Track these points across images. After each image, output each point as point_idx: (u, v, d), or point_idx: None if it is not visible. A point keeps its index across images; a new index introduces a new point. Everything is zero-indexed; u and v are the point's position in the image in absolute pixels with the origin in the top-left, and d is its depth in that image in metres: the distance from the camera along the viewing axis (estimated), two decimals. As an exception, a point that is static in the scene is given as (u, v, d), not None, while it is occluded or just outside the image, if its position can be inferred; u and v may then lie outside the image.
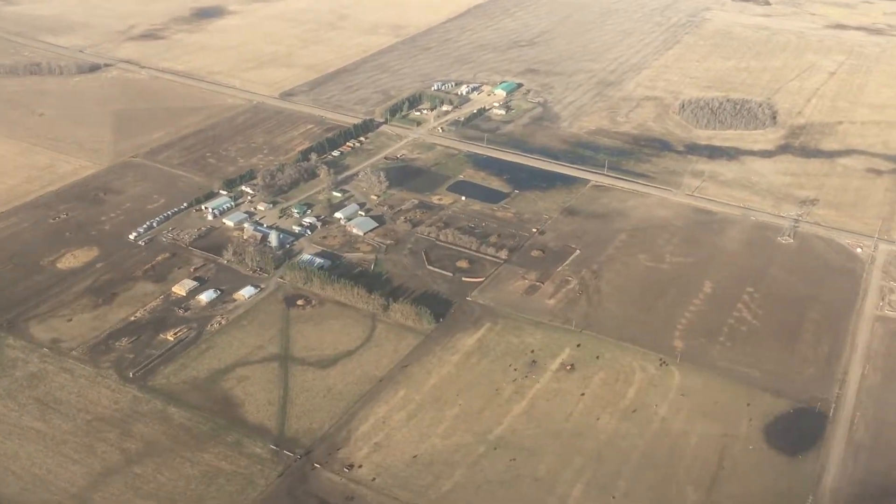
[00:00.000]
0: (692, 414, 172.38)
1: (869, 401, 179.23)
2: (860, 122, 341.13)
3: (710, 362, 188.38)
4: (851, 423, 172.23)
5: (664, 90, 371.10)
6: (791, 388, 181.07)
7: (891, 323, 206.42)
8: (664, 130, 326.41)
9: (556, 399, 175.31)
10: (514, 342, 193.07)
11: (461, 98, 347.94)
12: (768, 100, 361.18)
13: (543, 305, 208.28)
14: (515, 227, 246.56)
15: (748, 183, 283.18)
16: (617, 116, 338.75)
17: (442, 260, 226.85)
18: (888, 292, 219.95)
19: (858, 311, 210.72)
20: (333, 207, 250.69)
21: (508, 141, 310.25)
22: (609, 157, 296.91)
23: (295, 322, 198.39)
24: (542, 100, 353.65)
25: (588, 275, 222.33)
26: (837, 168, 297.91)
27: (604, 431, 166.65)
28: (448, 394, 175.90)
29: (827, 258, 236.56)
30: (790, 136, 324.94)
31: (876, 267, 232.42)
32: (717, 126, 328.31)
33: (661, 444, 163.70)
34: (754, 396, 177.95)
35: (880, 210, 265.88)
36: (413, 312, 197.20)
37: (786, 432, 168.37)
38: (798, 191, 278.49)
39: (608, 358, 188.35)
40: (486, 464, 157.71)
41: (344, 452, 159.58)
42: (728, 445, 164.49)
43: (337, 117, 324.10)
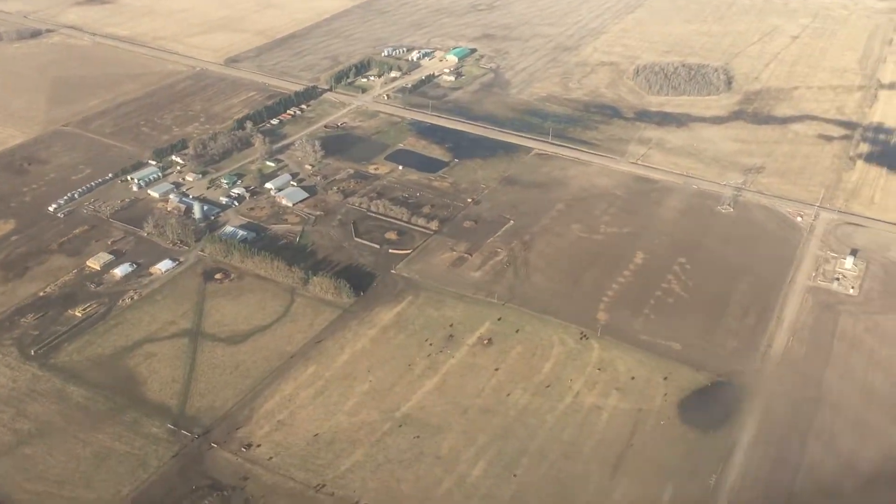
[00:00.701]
0: (607, 388, 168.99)
1: (789, 375, 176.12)
2: (817, 86, 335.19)
3: (631, 335, 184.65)
4: (768, 397, 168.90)
5: (621, 55, 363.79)
6: (712, 361, 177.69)
7: (822, 294, 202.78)
8: (616, 97, 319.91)
9: (469, 374, 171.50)
10: (434, 316, 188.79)
11: (411, 64, 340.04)
12: (726, 65, 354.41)
13: (469, 278, 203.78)
14: (451, 198, 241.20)
15: (695, 150, 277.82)
16: (569, 83, 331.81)
17: (371, 231, 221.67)
18: (823, 262, 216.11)
19: (791, 282, 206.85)
20: (265, 178, 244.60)
21: (455, 108, 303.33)
22: (556, 125, 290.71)
23: (211, 296, 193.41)
24: (494, 66, 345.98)
25: (518, 246, 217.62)
26: (788, 134, 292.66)
27: (514, 407, 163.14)
28: (359, 370, 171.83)
29: (765, 227, 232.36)
30: (744, 101, 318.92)
31: (815, 236, 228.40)
32: (670, 92, 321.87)
33: (571, 421, 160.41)
34: (673, 370, 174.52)
35: (826, 177, 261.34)
36: (332, 286, 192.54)
37: (701, 407, 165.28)
38: (745, 158, 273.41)
39: (528, 331, 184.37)
40: (389, 442, 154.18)
41: (244, 431, 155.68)
42: (640, 421, 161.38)
43: (281, 84, 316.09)
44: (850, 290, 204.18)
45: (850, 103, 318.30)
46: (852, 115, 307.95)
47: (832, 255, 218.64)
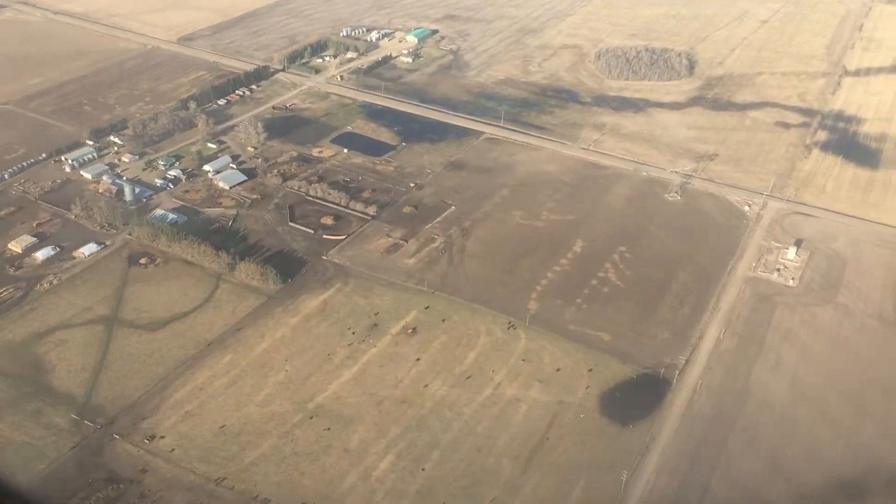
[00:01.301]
0: (529, 380, 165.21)
1: (718, 367, 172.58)
2: (781, 73, 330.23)
3: (561, 326, 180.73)
4: (694, 391, 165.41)
5: (586, 38, 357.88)
6: (640, 353, 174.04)
7: (761, 284, 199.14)
8: (575, 81, 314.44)
9: (389, 364, 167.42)
10: (361, 304, 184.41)
11: (369, 45, 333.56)
12: (691, 49, 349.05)
13: (402, 265, 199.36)
14: (394, 182, 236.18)
15: (650, 136, 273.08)
16: (529, 66, 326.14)
17: (307, 216, 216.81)
18: (766, 252, 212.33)
19: (731, 273, 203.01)
20: (204, 160, 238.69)
21: (409, 90, 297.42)
22: (510, 109, 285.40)
23: (134, 281, 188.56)
24: (454, 47, 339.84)
25: (456, 233, 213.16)
26: (746, 121, 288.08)
27: (431, 399, 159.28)
28: (277, 359, 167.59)
29: (712, 216, 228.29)
30: (705, 87, 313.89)
31: (760, 226, 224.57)
32: (631, 77, 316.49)
33: (487, 413, 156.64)
34: (599, 362, 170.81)
35: (779, 165, 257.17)
36: (258, 272, 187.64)
37: (623, 400, 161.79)
38: (700, 145, 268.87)
39: (455, 321, 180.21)
40: (298, 434, 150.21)
41: (149, 422, 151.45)
42: (559, 414, 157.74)
43: (234, 64, 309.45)
44: (790, 281, 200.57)
45: (813, 90, 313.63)
46: (813, 102, 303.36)
47: (776, 246, 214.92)
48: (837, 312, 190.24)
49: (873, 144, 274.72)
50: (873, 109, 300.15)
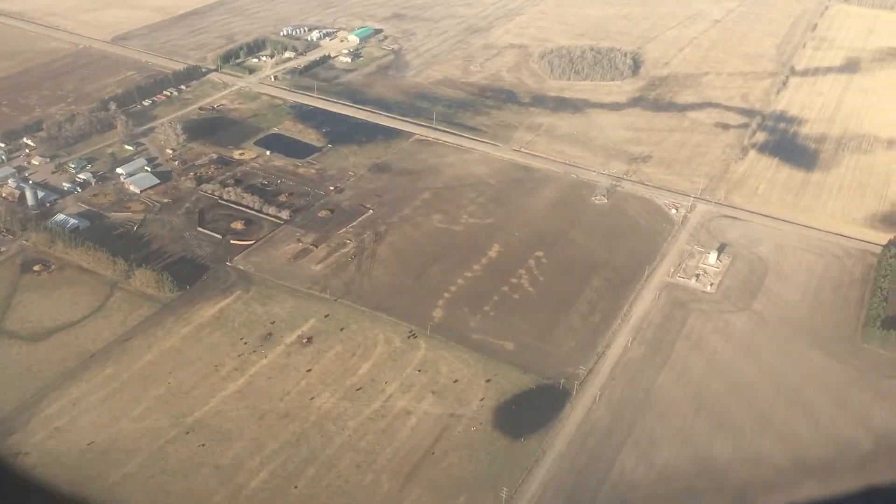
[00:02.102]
0: (422, 392, 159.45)
1: (621, 377, 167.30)
2: (727, 73, 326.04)
3: (464, 335, 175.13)
4: (593, 402, 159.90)
5: (533, 38, 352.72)
6: (543, 363, 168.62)
7: (678, 291, 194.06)
8: (516, 81, 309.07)
9: (278, 376, 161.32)
10: (259, 312, 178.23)
11: (309, 44, 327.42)
12: (639, 49, 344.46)
13: (308, 271, 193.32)
14: (313, 185, 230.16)
15: (585, 138, 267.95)
16: (471, 66, 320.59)
17: (218, 221, 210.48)
18: (688, 257, 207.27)
19: (648, 278, 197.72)
20: (119, 162, 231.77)
21: (344, 91, 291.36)
22: (446, 110, 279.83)
23: (24, 290, 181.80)
24: (397, 47, 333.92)
25: (370, 238, 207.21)
26: (685, 122, 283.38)
27: (316, 412, 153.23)
28: (161, 371, 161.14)
29: (637, 219, 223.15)
30: (648, 87, 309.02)
31: (686, 229, 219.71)
32: (573, 77, 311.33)
33: (373, 427, 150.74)
34: (500, 372, 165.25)
35: (713, 167, 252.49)
36: (154, 279, 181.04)
37: (518, 412, 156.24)
38: (635, 146, 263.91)
39: (354, 330, 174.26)
40: (170, 450, 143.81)
41: (16, 438, 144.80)
42: (449, 427, 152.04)
43: (166, 64, 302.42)
44: (707, 287, 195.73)
45: (757, 91, 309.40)
46: (756, 103, 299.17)
47: (699, 250, 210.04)
48: (752, 320, 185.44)
49: (812, 146, 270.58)
50: (817, 110, 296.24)
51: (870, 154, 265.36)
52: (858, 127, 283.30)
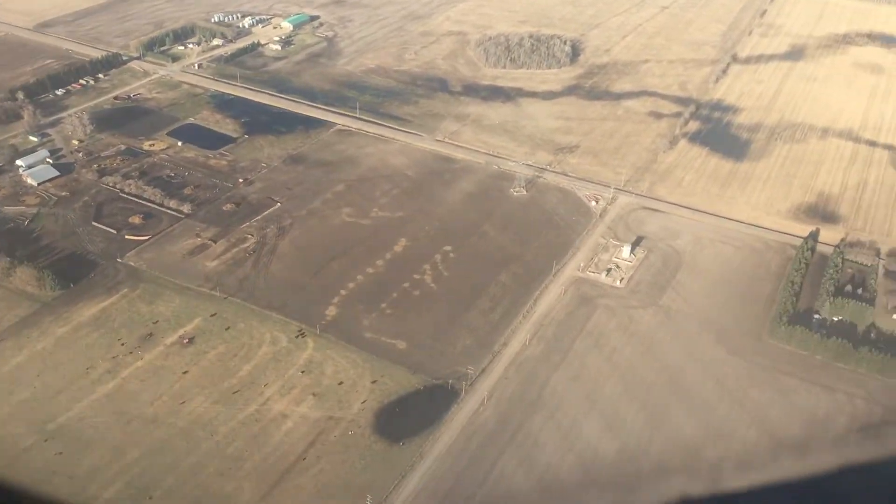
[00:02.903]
0: (303, 394, 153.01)
1: (515, 377, 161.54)
2: (668, 60, 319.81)
3: (355, 333, 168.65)
4: (481, 403, 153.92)
5: (473, 25, 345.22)
6: (435, 362, 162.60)
7: (586, 286, 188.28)
8: (450, 69, 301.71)
9: (151, 379, 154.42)
10: (143, 312, 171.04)
11: (240, 31, 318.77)
12: (581, 36, 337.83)
13: (203, 268, 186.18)
14: (222, 178, 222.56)
15: (513, 128, 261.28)
16: (405, 54, 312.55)
17: (115, 215, 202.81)
18: (601, 251, 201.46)
19: (558, 273, 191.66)
20: (20, 154, 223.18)
21: (269, 80, 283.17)
22: (373, 99, 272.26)
23: None
24: (331, 34, 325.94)
25: (273, 232, 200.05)
26: (618, 111, 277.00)
27: (186, 417, 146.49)
28: (28, 375, 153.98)
29: (554, 212, 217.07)
30: (585, 76, 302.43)
31: (604, 222, 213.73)
32: (508, 65, 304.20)
33: (245, 432, 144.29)
34: (388, 372, 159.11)
35: (640, 158, 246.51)
36: (35, 277, 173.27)
37: (401, 415, 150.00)
38: (563, 136, 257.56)
39: (240, 329, 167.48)
40: (24, 459, 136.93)
41: None
42: (326, 430, 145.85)
43: (87, 51, 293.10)
44: (617, 282, 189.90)
45: (696, 79, 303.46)
46: (694, 91, 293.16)
47: (614, 244, 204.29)
48: (658, 316, 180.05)
49: (745, 135, 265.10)
50: (754, 98, 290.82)
51: (803, 143, 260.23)
52: (795, 116, 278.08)
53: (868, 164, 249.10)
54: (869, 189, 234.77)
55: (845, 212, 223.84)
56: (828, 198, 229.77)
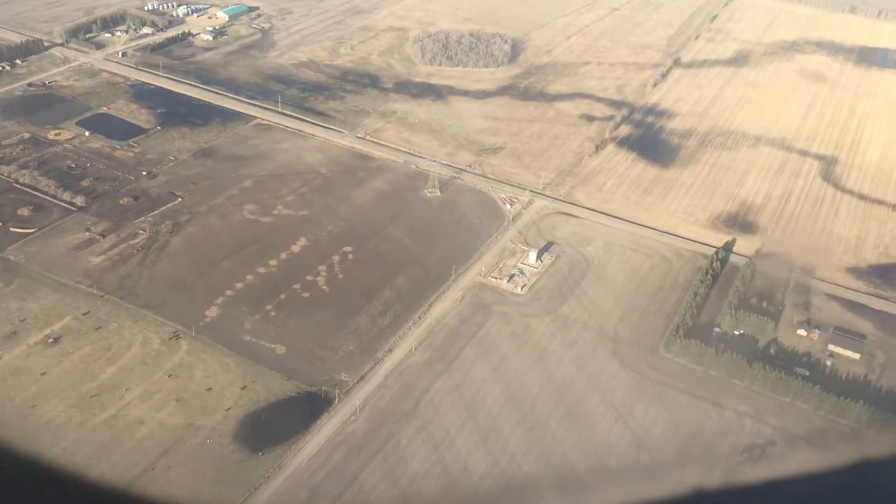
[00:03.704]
0: (166, 399, 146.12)
1: (394, 385, 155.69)
2: (609, 63, 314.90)
3: (234, 336, 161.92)
4: (354, 412, 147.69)
5: (417, 21, 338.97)
6: (312, 368, 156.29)
7: (486, 292, 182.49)
8: (384, 65, 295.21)
9: (7, 381, 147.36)
10: (13, 308, 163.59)
11: (174, 20, 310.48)
12: (525, 35, 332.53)
13: (86, 264, 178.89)
14: (126, 170, 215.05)
15: (439, 126, 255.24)
16: (341, 48, 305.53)
17: (4, 206, 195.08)
18: (508, 256, 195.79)
19: (459, 278, 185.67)
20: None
21: (195, 71, 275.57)
22: (299, 93, 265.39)
23: None
24: (268, 26, 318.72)
25: (167, 228, 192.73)
26: (550, 113, 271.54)
27: (36, 422, 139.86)
28: None
29: (466, 214, 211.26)
30: (522, 76, 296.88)
31: (515, 226, 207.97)
32: (445, 63, 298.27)
33: (96, 439, 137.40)
34: (261, 378, 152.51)
35: (564, 161, 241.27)
36: None
37: (267, 423, 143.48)
38: (489, 137, 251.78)
39: (111, 329, 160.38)
40: None
41: None
42: (183, 439, 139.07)
43: (8, 36, 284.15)
44: (519, 288, 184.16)
45: (635, 82, 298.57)
46: (631, 94, 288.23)
47: (522, 248, 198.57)
48: (555, 324, 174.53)
49: (675, 141, 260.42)
50: (691, 104, 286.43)
51: (733, 151, 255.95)
52: (730, 122, 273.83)
53: (796, 174, 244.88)
54: (793, 200, 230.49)
55: (765, 222, 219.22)
56: (749, 207, 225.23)
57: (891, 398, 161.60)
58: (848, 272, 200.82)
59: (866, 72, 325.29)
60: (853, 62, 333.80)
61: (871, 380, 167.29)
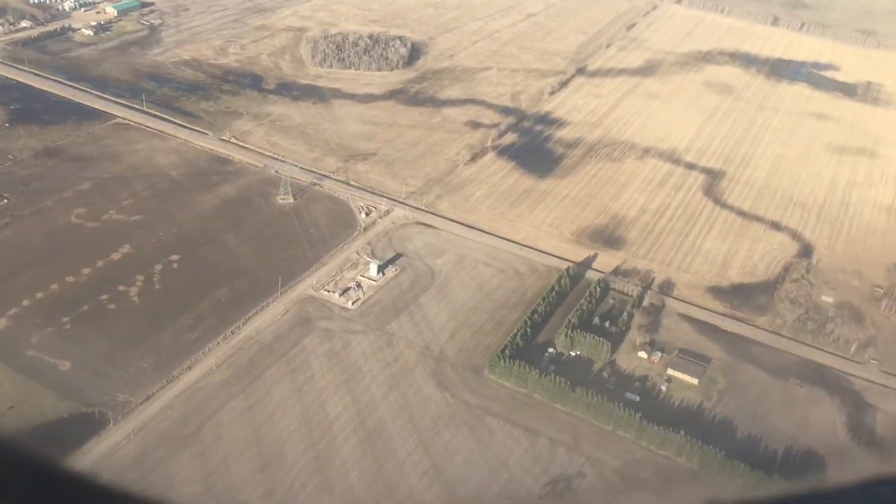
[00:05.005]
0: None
1: (181, 407, 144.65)
2: (511, 69, 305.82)
3: (16, 350, 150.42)
4: (127, 436, 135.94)
5: (320, 21, 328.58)
6: (96, 386, 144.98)
7: (314, 306, 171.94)
8: (272, 66, 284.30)
9: None
10: None
11: (58, 14, 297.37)
12: (430, 39, 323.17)
13: None
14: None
15: (313, 131, 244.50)
16: (230, 47, 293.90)
17: None
18: (350, 268, 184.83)
19: (288, 290, 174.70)
20: None
21: (65, 67, 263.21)
22: (171, 92, 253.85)
23: None
24: (158, 22, 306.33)
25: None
26: (435, 119, 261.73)
27: None
28: None
29: (315, 223, 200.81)
30: (415, 80, 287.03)
31: (366, 236, 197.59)
32: (336, 65, 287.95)
33: None
34: (33, 396, 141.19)
35: (437, 169, 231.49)
36: None
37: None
38: (363, 142, 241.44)
39: None
40: None
41: None
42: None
43: None
44: (350, 303, 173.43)
45: (532, 89, 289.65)
46: (525, 102, 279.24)
47: (367, 260, 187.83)
48: (378, 342, 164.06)
49: (560, 151, 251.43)
50: (585, 113, 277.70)
51: (618, 162, 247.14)
52: (622, 133, 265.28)
53: (678, 187, 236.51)
54: (667, 214, 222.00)
55: (634, 237, 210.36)
56: (621, 221, 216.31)
57: (719, 428, 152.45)
58: (707, 291, 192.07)
59: (775, 85, 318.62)
60: (764, 74, 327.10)
61: (704, 407, 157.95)
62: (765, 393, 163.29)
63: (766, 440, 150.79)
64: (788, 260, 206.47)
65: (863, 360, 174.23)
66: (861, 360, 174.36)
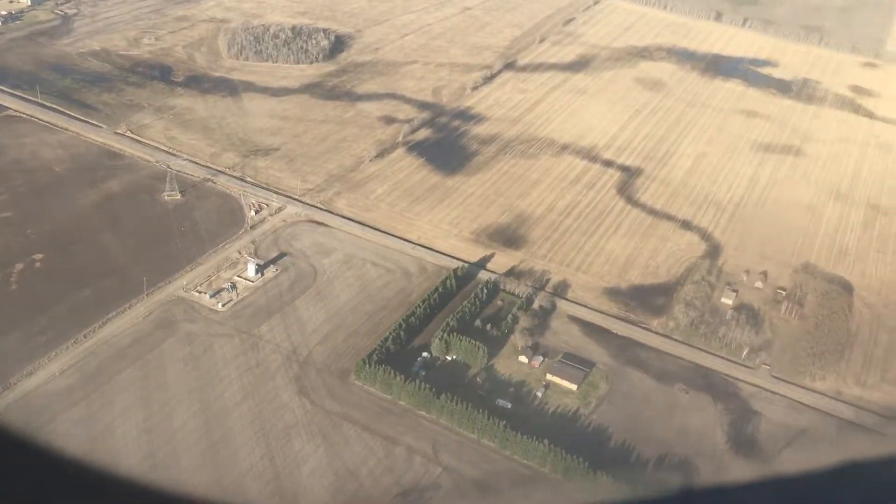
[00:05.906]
0: None
1: (12, 416, 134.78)
2: (437, 63, 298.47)
3: None
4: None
5: (244, 13, 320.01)
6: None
7: (181, 307, 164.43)
8: (185, 57, 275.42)
9: None
10: None
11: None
12: (357, 32, 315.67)
13: None
14: None
15: (217, 125, 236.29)
16: (145, 38, 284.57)
17: None
18: (228, 267, 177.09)
19: (155, 291, 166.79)
20: None
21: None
22: (73, 84, 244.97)
23: None
24: (73, 12, 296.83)
25: None
26: (348, 113, 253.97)
27: None
28: None
29: (199, 221, 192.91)
30: (334, 73, 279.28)
31: (252, 234, 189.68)
32: (253, 57, 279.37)
33: None
34: None
35: (340, 166, 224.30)
36: None
37: None
38: (268, 137, 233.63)
39: None
40: None
41: None
42: None
43: None
44: (220, 304, 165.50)
45: (456, 84, 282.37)
46: (446, 97, 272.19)
47: (248, 260, 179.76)
48: (243, 346, 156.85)
49: (473, 147, 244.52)
50: (507, 109, 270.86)
51: (533, 159, 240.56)
52: (541, 129, 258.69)
53: (591, 186, 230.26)
54: (575, 213, 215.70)
55: (536, 236, 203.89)
56: (525, 220, 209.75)
57: (591, 436, 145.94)
58: (603, 293, 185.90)
59: (709, 81, 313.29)
60: (699, 71, 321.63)
61: (580, 414, 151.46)
62: (647, 399, 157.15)
63: (640, 448, 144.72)
64: (693, 261, 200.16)
65: (754, 365, 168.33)
66: (752, 364, 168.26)
